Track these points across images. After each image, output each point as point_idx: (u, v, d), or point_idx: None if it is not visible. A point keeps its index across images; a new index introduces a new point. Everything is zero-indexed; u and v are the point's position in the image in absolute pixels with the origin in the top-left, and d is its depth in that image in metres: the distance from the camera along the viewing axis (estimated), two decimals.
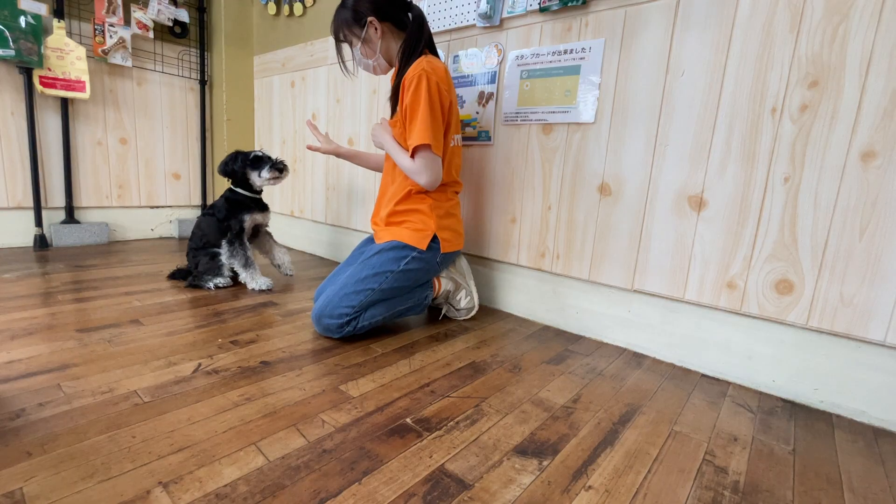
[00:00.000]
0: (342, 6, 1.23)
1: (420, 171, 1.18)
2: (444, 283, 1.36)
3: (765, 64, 0.98)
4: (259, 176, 1.57)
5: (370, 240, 1.39)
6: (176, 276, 1.62)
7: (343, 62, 1.31)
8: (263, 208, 1.64)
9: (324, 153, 1.52)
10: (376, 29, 1.21)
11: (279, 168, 1.57)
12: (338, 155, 1.52)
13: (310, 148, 1.52)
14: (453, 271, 1.42)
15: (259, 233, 1.69)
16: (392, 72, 1.33)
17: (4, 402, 0.79)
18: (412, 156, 1.18)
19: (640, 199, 1.18)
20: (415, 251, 1.21)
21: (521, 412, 0.88)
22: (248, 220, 1.57)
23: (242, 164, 1.57)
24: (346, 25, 1.23)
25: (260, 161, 1.57)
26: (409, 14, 1.25)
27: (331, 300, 1.15)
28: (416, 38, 1.22)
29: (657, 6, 1.11)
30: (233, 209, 1.57)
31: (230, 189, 1.61)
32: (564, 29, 1.27)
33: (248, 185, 1.60)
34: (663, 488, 0.69)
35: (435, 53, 1.28)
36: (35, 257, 1.80)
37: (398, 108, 1.23)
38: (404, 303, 1.25)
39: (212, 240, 1.58)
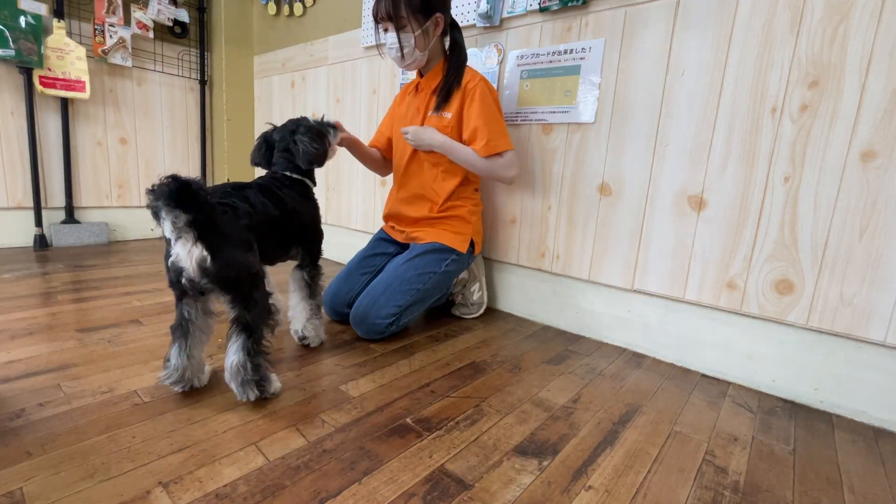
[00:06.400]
0: None
1: (509, 166, 1.22)
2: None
3: (765, 64, 0.98)
4: None
5: (383, 239, 1.40)
6: None
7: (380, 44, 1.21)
8: None
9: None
10: (438, 25, 1.18)
11: None
12: (342, 140, 1.30)
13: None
14: None
15: None
16: (413, 65, 1.23)
17: (4, 402, 0.79)
18: (499, 155, 1.20)
19: (641, 199, 1.18)
20: (454, 253, 1.26)
21: (521, 412, 0.88)
22: None
23: None
24: (411, 9, 1.13)
25: None
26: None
27: (376, 301, 1.17)
28: (463, 46, 1.24)
29: (657, 6, 1.11)
30: None
31: None
32: (564, 29, 1.27)
33: None
34: (663, 488, 0.69)
35: None
36: (35, 257, 1.80)
37: (444, 109, 1.23)
38: (434, 297, 1.30)
39: None
